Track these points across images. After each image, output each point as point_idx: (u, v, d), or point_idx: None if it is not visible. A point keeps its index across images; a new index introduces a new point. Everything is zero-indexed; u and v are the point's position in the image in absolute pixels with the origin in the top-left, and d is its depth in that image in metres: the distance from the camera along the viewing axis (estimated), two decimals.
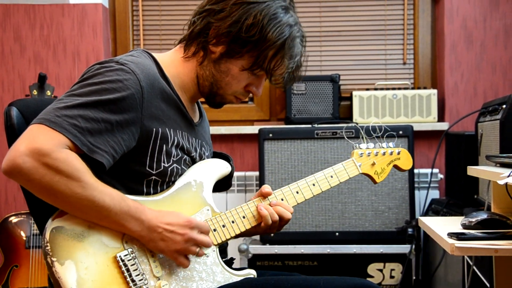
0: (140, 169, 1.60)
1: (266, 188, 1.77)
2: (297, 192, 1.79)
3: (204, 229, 1.61)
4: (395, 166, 1.95)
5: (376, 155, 1.90)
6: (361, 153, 1.89)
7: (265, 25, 1.64)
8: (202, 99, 1.83)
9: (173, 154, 1.64)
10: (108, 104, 1.49)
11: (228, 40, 1.66)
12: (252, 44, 1.65)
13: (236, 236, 1.73)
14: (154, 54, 1.72)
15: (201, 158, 1.77)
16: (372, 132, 1.92)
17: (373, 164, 1.89)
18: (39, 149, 1.39)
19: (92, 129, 1.47)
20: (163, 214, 1.56)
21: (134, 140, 1.56)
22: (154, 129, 1.59)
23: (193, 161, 1.73)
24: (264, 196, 1.76)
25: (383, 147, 1.91)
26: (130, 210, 1.51)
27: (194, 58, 1.72)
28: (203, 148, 1.79)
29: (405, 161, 1.95)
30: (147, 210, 1.54)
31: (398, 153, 1.93)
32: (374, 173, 1.90)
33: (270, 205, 1.74)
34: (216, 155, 1.88)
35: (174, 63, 1.73)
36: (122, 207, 1.49)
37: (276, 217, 1.73)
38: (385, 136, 1.93)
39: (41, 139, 1.41)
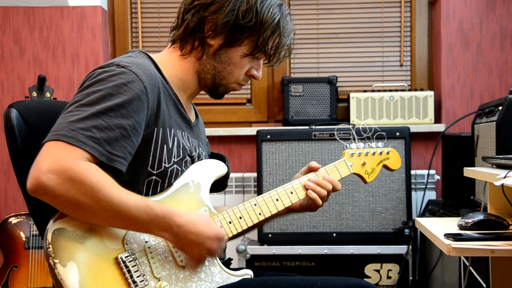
0: (142, 169, 1.61)
1: (314, 164, 1.85)
2: (292, 193, 1.80)
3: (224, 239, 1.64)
4: (385, 166, 1.97)
5: (367, 155, 1.93)
6: (352, 153, 1.92)
7: (259, 8, 1.68)
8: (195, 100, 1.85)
9: (174, 154, 1.65)
10: (118, 109, 1.50)
11: (227, 29, 1.68)
12: (250, 29, 1.69)
13: (237, 235, 1.75)
14: (151, 55, 1.73)
15: (199, 158, 1.77)
16: (363, 133, 1.95)
17: (364, 164, 1.92)
18: (61, 165, 1.40)
19: (108, 138, 1.48)
20: (193, 221, 1.56)
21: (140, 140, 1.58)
22: (156, 128, 1.61)
23: (193, 162, 1.74)
24: (312, 170, 1.85)
25: (372, 147, 1.94)
26: (157, 217, 1.51)
27: (191, 54, 1.74)
28: (200, 148, 1.80)
29: (394, 161, 1.98)
30: (176, 216, 1.54)
31: (387, 153, 1.96)
32: (365, 173, 1.92)
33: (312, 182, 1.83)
34: (211, 155, 1.90)
35: (171, 63, 1.74)
36: (149, 214, 1.50)
37: (324, 192, 1.82)
38: (375, 137, 1.95)
39: (61, 155, 1.42)
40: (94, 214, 1.46)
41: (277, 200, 1.78)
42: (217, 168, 1.78)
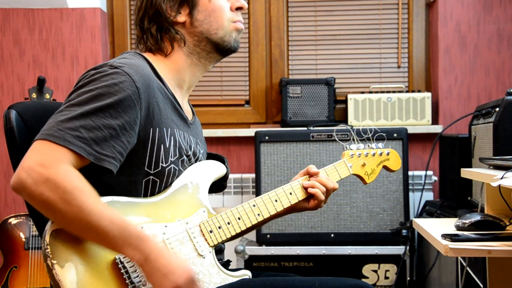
0: (139, 169, 1.61)
1: (313, 168, 1.82)
2: (291, 194, 1.81)
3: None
4: (385, 167, 1.97)
5: (366, 156, 1.92)
6: (352, 154, 1.91)
7: None
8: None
9: (171, 154, 1.65)
10: (107, 109, 1.50)
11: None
12: None
13: (235, 237, 1.76)
14: (145, 55, 1.73)
15: (195, 156, 1.77)
16: (363, 134, 1.95)
17: (364, 165, 1.92)
18: (41, 166, 1.39)
19: (96, 137, 1.47)
20: (167, 254, 1.48)
21: (136, 140, 1.58)
22: (152, 129, 1.60)
23: (190, 161, 1.74)
24: (311, 175, 1.82)
25: (372, 148, 1.94)
26: (130, 236, 1.45)
27: (175, 48, 1.74)
28: (198, 146, 1.80)
29: (394, 161, 1.98)
30: (150, 242, 1.48)
31: (388, 154, 1.96)
32: (365, 174, 1.92)
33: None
34: (211, 156, 1.89)
35: (162, 61, 1.74)
36: (122, 232, 1.44)
37: (323, 188, 1.81)
38: (374, 138, 1.95)
39: (44, 155, 1.41)
40: (67, 222, 1.43)
41: (276, 201, 1.78)
42: (216, 169, 1.79)
